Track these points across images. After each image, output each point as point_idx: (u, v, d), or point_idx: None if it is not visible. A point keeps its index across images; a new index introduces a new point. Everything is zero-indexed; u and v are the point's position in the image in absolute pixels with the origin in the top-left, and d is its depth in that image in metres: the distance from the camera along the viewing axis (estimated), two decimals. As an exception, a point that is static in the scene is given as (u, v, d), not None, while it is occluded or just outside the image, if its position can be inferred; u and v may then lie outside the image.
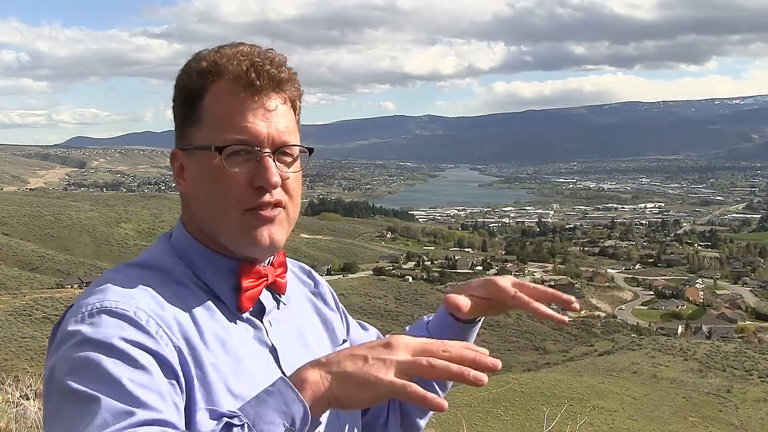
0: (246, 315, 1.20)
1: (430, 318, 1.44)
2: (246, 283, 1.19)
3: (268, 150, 1.17)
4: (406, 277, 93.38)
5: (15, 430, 4.60)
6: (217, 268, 1.20)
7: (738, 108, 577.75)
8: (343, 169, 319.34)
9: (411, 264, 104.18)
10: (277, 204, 1.19)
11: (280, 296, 1.28)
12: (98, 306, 1.06)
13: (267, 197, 1.17)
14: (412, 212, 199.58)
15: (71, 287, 75.74)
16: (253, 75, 1.16)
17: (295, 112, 1.24)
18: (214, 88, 1.17)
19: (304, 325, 1.32)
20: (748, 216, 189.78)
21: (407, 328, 1.46)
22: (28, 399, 5.13)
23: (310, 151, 1.25)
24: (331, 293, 1.45)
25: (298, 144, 1.22)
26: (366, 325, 1.54)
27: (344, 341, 1.38)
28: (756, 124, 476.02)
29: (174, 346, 1.07)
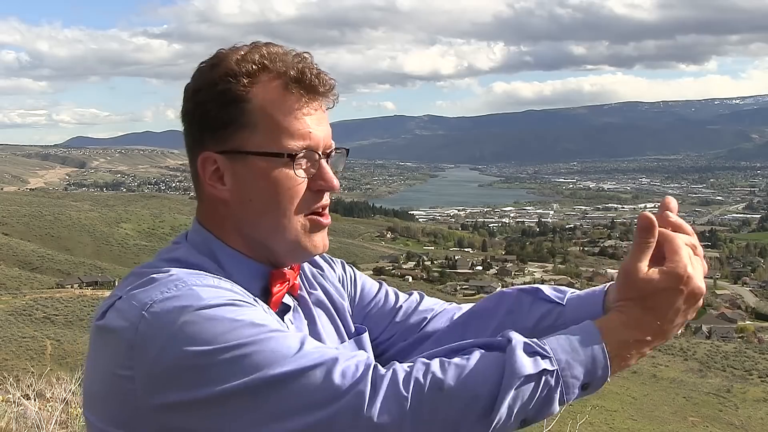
0: None
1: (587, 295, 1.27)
2: (276, 288, 1.20)
3: (322, 154, 1.19)
4: (406, 277, 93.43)
5: (15, 429, 4.60)
6: (247, 270, 1.19)
7: (738, 108, 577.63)
8: (343, 169, 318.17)
9: (411, 264, 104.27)
10: (328, 207, 1.22)
11: (293, 297, 1.28)
12: (183, 284, 1.06)
13: (326, 200, 1.20)
14: (412, 212, 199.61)
15: (71, 287, 75.75)
16: (315, 79, 1.16)
17: None
18: (264, 88, 1.15)
19: (320, 322, 1.32)
20: (748, 216, 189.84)
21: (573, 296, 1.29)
22: (28, 399, 5.13)
23: (347, 151, 1.27)
24: (341, 275, 1.45)
25: (344, 147, 1.24)
26: (378, 286, 1.51)
27: (357, 330, 1.37)
28: (756, 124, 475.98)
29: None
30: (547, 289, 1.30)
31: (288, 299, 1.25)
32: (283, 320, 1.21)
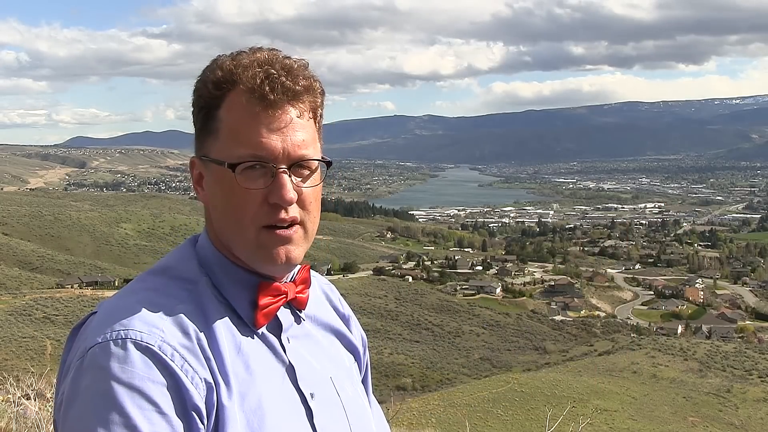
0: (262, 331, 1.17)
1: None
2: (263, 300, 1.16)
3: (283, 165, 1.13)
4: (406, 277, 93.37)
5: (15, 429, 4.59)
6: (237, 281, 1.17)
7: (738, 108, 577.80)
8: (343, 169, 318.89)
9: (411, 264, 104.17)
10: (293, 221, 1.15)
11: (300, 312, 1.24)
12: (123, 335, 1.04)
13: (282, 214, 1.14)
14: (412, 212, 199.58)
15: (71, 287, 75.77)
16: (267, 88, 1.13)
17: (315, 119, 1.20)
18: (229, 99, 1.14)
19: (324, 344, 1.28)
20: (748, 216, 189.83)
21: None
22: (28, 399, 5.13)
23: (328, 164, 1.22)
24: (359, 330, 1.42)
25: (316, 158, 1.18)
26: (372, 396, 1.43)
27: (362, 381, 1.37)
28: (755, 124, 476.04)
29: (200, 378, 1.06)
30: None
31: (286, 316, 1.21)
32: (279, 338, 1.19)
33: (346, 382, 1.26)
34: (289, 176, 1.13)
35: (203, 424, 1.05)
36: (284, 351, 1.18)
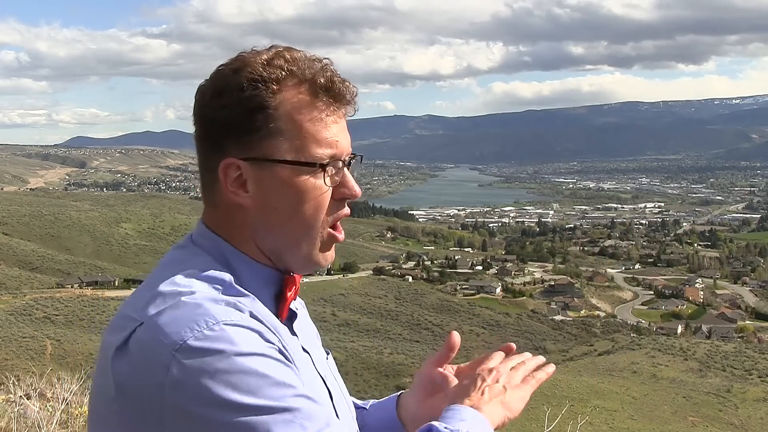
0: (283, 323, 1.19)
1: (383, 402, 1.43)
2: (289, 293, 1.19)
3: (346, 162, 1.18)
4: (406, 277, 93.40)
5: (15, 429, 4.60)
6: (261, 277, 1.17)
7: (737, 108, 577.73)
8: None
9: (411, 264, 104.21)
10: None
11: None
12: (210, 322, 1.02)
13: (347, 209, 1.19)
14: (412, 212, 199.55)
15: (71, 287, 75.76)
16: (343, 89, 1.15)
17: None
18: (291, 95, 1.12)
19: (310, 328, 1.33)
20: (748, 216, 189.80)
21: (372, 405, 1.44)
22: (29, 398, 5.14)
23: (361, 157, 1.24)
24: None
25: (359, 155, 1.22)
26: None
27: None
28: (755, 124, 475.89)
29: (286, 355, 1.08)
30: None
31: (294, 305, 1.24)
32: (291, 328, 1.21)
33: (331, 362, 1.32)
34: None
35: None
36: (299, 339, 1.21)
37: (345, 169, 1.16)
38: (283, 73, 1.12)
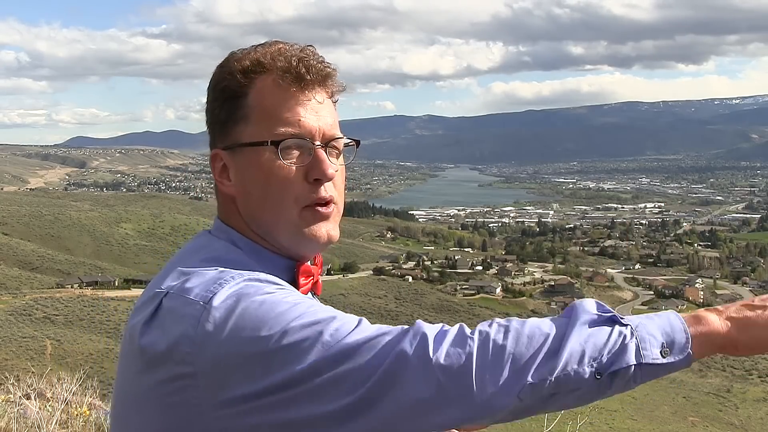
0: None
1: None
2: (302, 281, 1.19)
3: (320, 143, 1.17)
4: (406, 277, 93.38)
5: (15, 429, 4.60)
6: (273, 266, 1.17)
7: (737, 108, 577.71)
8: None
9: (411, 264, 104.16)
10: (331, 200, 1.19)
11: (315, 296, 1.26)
12: (228, 278, 1.06)
13: (323, 192, 1.17)
14: (412, 212, 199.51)
15: (71, 287, 75.73)
16: (303, 69, 1.17)
17: (334, 105, 1.24)
18: (260, 83, 1.16)
19: None
20: (748, 216, 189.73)
21: None
22: (29, 398, 5.13)
23: (357, 143, 1.26)
24: None
25: (347, 137, 1.23)
26: None
27: None
28: (755, 124, 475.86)
29: None
30: None
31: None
32: None
33: None
34: (326, 153, 1.18)
35: None
36: None
37: (319, 150, 1.16)
38: (251, 63, 1.17)
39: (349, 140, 1.23)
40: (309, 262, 1.23)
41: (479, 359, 0.96)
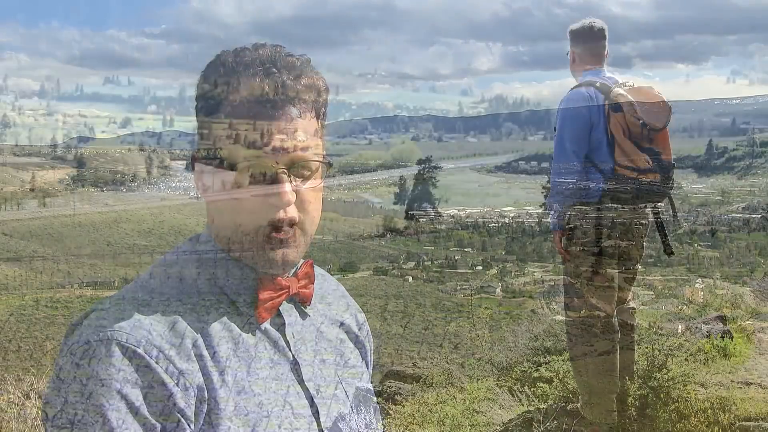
0: (265, 326, 1.16)
1: None
2: (264, 295, 1.15)
3: (283, 166, 1.11)
4: (406, 277, 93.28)
5: (15, 429, 4.60)
6: (238, 278, 1.16)
7: (738, 108, 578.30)
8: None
9: (411, 264, 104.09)
10: (291, 222, 1.14)
11: (305, 307, 1.23)
12: (109, 336, 1.04)
13: (281, 215, 1.12)
14: (412, 212, 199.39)
15: (71, 287, 75.65)
16: (268, 88, 1.11)
17: (318, 118, 1.18)
18: (231, 98, 1.12)
19: (332, 340, 1.27)
20: (748, 216, 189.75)
21: None
22: (28, 399, 5.13)
23: (329, 165, 1.20)
24: (367, 328, 1.40)
25: (315, 159, 1.15)
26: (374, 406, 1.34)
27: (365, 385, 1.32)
28: (755, 124, 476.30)
29: (187, 378, 1.05)
30: None
31: (290, 312, 1.20)
32: (284, 334, 1.18)
33: (353, 379, 1.26)
34: (289, 177, 1.12)
35: (189, 424, 1.04)
36: (288, 347, 1.17)
37: (281, 173, 1.11)
38: (224, 72, 1.14)
39: (318, 161, 1.16)
40: (291, 274, 1.20)
41: None
